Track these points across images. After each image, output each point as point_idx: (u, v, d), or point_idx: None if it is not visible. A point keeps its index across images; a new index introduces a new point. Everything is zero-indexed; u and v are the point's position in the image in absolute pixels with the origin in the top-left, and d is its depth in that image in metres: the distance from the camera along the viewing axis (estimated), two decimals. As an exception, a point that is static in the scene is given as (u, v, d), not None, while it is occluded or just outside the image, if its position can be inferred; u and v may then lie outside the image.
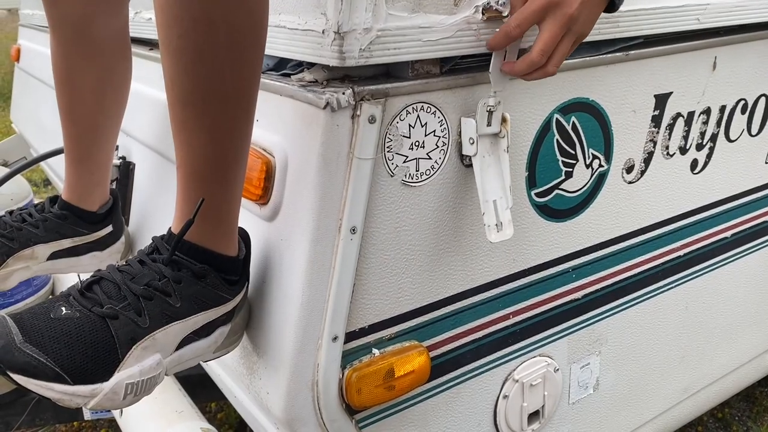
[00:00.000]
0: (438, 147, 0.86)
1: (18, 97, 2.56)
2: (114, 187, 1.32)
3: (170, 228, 0.79)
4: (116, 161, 1.32)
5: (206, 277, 0.77)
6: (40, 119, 2.21)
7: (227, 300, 0.80)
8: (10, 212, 1.09)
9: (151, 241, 0.80)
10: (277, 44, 0.84)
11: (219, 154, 0.73)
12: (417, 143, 0.84)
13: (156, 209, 1.24)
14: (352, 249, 0.81)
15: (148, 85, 1.24)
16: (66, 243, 1.08)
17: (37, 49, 2.23)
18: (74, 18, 0.98)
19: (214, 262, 0.78)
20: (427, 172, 0.87)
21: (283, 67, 0.89)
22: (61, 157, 1.16)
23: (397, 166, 0.83)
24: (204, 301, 0.78)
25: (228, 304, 0.80)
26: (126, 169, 1.31)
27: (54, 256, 1.07)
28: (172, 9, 0.65)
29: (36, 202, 2.16)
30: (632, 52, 1.02)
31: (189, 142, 0.72)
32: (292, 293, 0.81)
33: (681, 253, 1.25)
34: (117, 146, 1.31)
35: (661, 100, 1.10)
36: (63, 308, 0.72)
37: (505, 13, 0.83)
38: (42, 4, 1.01)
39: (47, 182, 3.72)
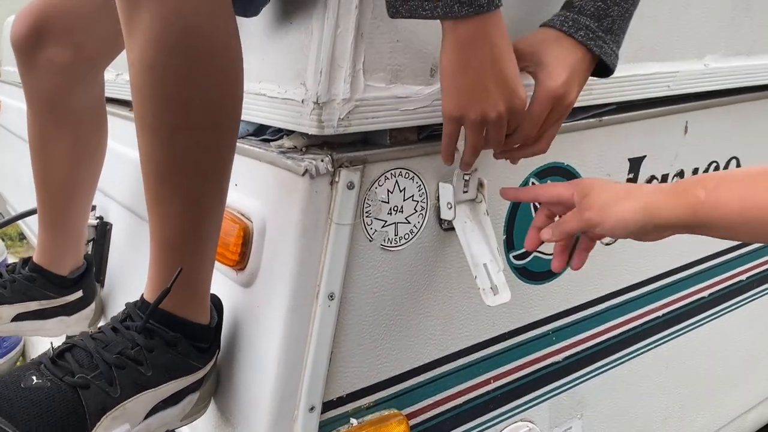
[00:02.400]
0: (416, 211, 0.87)
1: (-4, 153, 2.54)
2: (90, 246, 1.30)
3: (143, 294, 0.77)
4: (93, 221, 1.31)
5: (178, 346, 0.76)
6: (18, 176, 2.20)
7: (198, 368, 0.79)
8: None
9: (124, 308, 0.78)
10: (256, 111, 0.85)
11: (193, 225, 0.73)
12: (396, 208, 0.85)
13: (132, 270, 1.23)
14: (330, 316, 0.80)
15: (127, 146, 1.24)
16: (32, 306, 1.06)
17: (16, 106, 2.23)
18: (48, 88, 0.99)
19: (186, 329, 0.77)
20: (406, 236, 0.87)
21: (263, 132, 0.90)
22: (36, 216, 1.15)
23: (375, 230, 0.83)
24: (175, 369, 0.76)
25: (198, 372, 0.79)
26: (103, 230, 1.30)
27: (19, 317, 1.05)
28: (148, 88, 0.66)
29: (10, 258, 2.11)
30: (606, 117, 1.04)
31: (163, 214, 0.71)
32: (268, 362, 0.80)
33: (660, 313, 1.25)
34: (94, 206, 1.30)
35: (635, 164, 1.12)
36: (34, 377, 0.71)
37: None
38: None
39: (22, 236, 3.67)
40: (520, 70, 0.76)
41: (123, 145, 1.25)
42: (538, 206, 0.99)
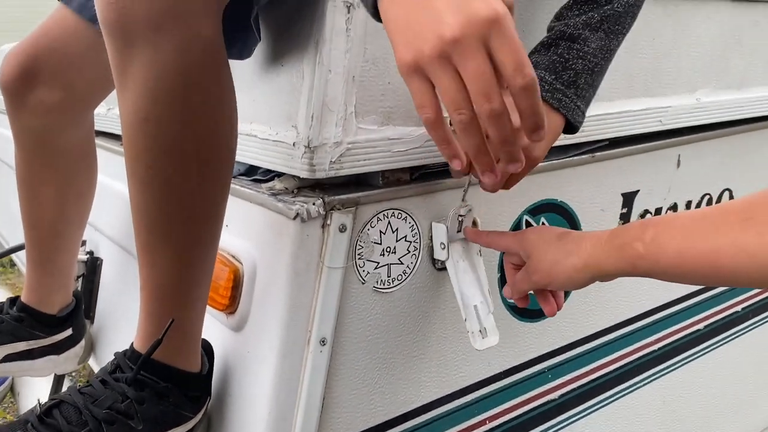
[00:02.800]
0: (409, 252, 0.86)
1: (-14, 181, 2.52)
2: (80, 282, 1.28)
3: (132, 344, 0.76)
4: (83, 256, 1.29)
5: (169, 396, 0.74)
6: (7, 204, 2.18)
7: (189, 418, 0.77)
8: None
9: (113, 357, 0.76)
10: (248, 152, 0.84)
11: (184, 274, 0.71)
12: (388, 249, 0.84)
13: (122, 305, 1.21)
14: (322, 361, 0.79)
15: (117, 180, 1.23)
16: (21, 346, 1.04)
17: (5, 134, 2.22)
18: (38, 128, 0.98)
19: (177, 379, 0.75)
20: (399, 278, 0.86)
21: (255, 171, 0.89)
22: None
23: (368, 272, 0.82)
24: (166, 421, 0.74)
25: (190, 422, 0.77)
26: (93, 265, 1.28)
27: (7, 359, 1.03)
28: (141, 141, 0.65)
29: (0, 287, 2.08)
30: (599, 153, 1.04)
31: (154, 263, 0.70)
32: (259, 409, 0.78)
33: (656, 347, 1.24)
34: (84, 241, 1.29)
35: (629, 198, 1.12)
36: None
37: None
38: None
39: (13, 264, 3.63)
40: None
41: (113, 180, 1.24)
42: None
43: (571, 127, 0.78)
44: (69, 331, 1.10)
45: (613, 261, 0.66)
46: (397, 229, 0.84)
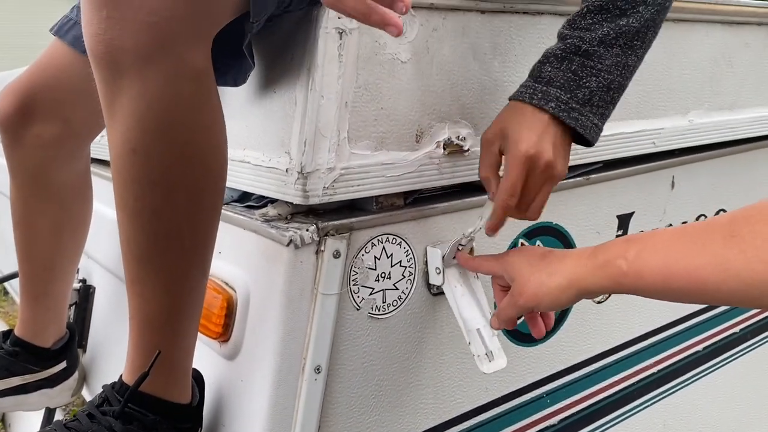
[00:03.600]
0: (404, 277, 0.85)
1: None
2: (72, 310, 1.27)
3: (121, 376, 0.74)
4: (76, 284, 1.28)
5: (158, 429, 0.72)
6: (1, 230, 2.17)
7: (180, 451, 0.75)
8: None
9: (101, 390, 0.75)
10: (241, 178, 0.84)
11: (174, 305, 0.70)
12: (383, 274, 0.83)
13: (115, 335, 1.19)
14: (317, 390, 0.78)
15: (110, 207, 1.22)
16: (15, 381, 1.03)
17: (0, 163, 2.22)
18: (34, 164, 0.97)
19: (166, 411, 0.73)
20: (394, 303, 0.85)
21: (248, 198, 0.89)
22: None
23: (363, 299, 0.81)
24: (155, 454, 0.72)
25: (180, 455, 0.75)
26: (86, 293, 1.27)
27: (1, 393, 1.01)
28: (129, 172, 0.64)
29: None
30: (593, 176, 1.04)
31: (143, 295, 0.69)
32: (253, 440, 0.76)
33: (655, 369, 1.23)
34: (78, 269, 1.27)
35: (624, 220, 1.11)
36: None
37: (466, 147, 0.84)
38: None
39: (6, 292, 3.60)
40: (500, 153, 0.76)
41: (106, 206, 1.23)
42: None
43: (586, 142, 0.78)
44: (63, 364, 1.09)
45: (596, 279, 0.65)
46: (391, 255, 0.83)
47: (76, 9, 0.96)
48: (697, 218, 1.26)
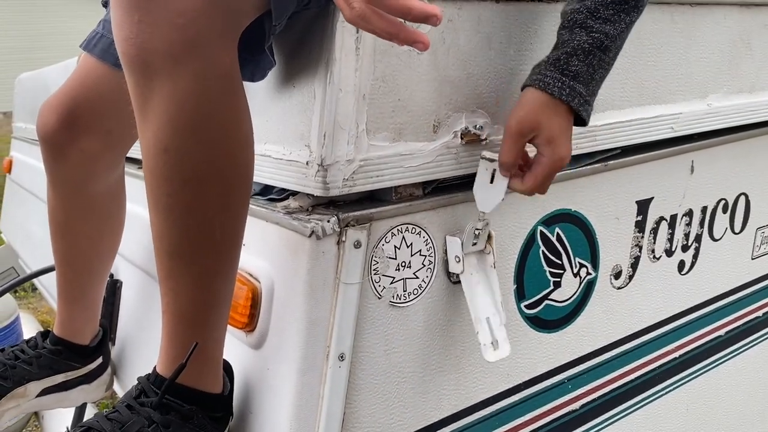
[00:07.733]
0: (424, 266, 0.86)
1: (8, 208, 2.57)
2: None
3: (155, 367, 0.77)
4: (103, 279, 1.31)
5: (194, 418, 0.75)
6: (29, 230, 2.22)
7: (212, 438, 0.77)
8: (2, 350, 1.07)
9: (136, 382, 0.77)
10: (262, 172, 0.85)
11: (206, 298, 0.72)
12: (403, 264, 0.84)
13: (142, 328, 1.22)
14: (341, 377, 0.79)
15: (138, 205, 1.25)
16: (59, 378, 1.06)
17: (28, 162, 2.26)
18: (77, 177, 0.99)
19: (200, 401, 0.76)
20: (415, 292, 0.86)
21: (270, 191, 0.90)
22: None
23: (384, 287, 0.83)
24: (191, 443, 0.75)
25: (213, 443, 0.78)
26: (113, 288, 1.29)
27: (44, 392, 1.05)
28: (162, 170, 0.66)
29: (22, 313, 2.11)
30: (611, 162, 1.04)
31: (176, 289, 0.71)
32: (280, 426, 0.78)
33: (677, 354, 1.23)
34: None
35: (643, 206, 1.11)
36: None
37: (483, 136, 0.85)
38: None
39: (34, 288, 3.68)
40: (528, 141, 0.78)
41: (133, 204, 1.26)
42: (544, 253, 0.99)
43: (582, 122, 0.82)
44: (99, 360, 1.13)
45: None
46: (411, 244, 0.84)
47: (102, 23, 0.98)
48: (718, 202, 1.25)
